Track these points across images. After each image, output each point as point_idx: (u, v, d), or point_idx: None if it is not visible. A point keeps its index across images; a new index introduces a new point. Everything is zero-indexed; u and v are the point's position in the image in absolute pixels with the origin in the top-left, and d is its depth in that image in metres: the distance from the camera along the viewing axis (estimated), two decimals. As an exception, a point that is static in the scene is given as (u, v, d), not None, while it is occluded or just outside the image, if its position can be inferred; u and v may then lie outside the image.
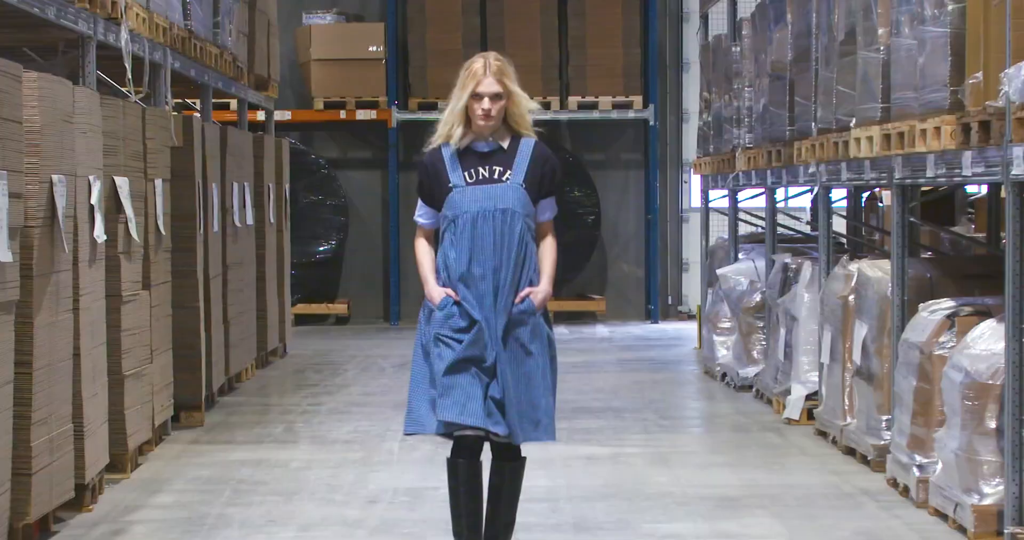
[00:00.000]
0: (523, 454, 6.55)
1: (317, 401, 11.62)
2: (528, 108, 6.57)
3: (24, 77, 6.73)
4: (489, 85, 6.43)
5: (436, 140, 6.59)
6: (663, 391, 12.19)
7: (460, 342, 6.39)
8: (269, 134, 14.59)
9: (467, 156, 6.54)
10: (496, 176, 6.50)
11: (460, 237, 6.47)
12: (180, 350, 10.07)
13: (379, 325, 17.92)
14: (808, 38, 10.14)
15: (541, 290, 6.50)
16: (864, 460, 8.77)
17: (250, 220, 12.70)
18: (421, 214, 6.70)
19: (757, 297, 11.89)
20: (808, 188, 12.43)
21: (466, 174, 6.51)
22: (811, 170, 10.16)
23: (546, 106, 16.85)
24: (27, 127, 6.74)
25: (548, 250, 6.63)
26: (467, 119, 6.51)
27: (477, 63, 6.50)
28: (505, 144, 6.55)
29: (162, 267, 9.48)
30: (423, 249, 6.68)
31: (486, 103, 6.42)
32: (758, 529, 7.33)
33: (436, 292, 6.49)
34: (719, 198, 14.73)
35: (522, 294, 6.45)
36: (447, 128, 6.54)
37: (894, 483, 8.14)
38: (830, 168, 9.67)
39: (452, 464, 6.50)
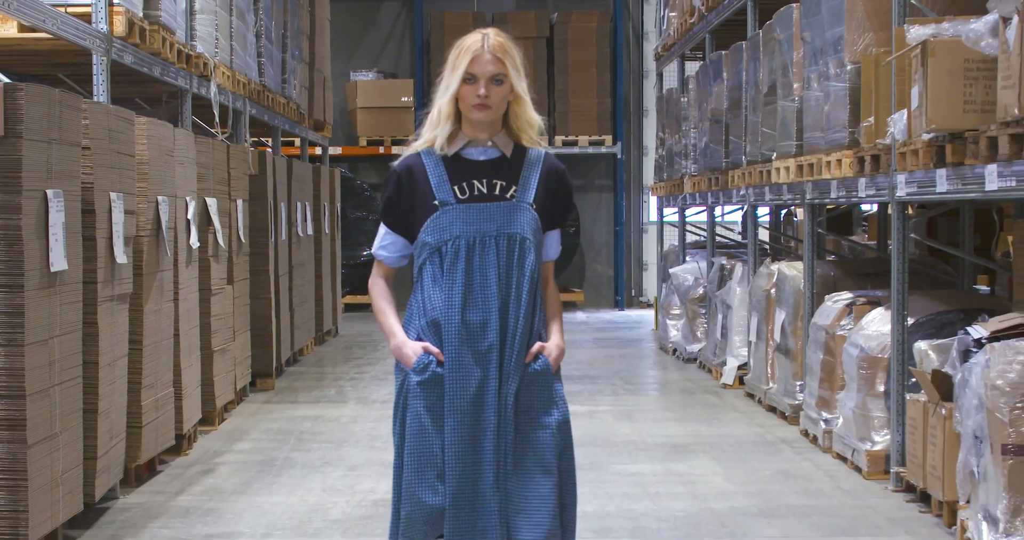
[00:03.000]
0: None
1: (362, 370, 11.62)
2: (535, 118, 4.01)
3: (136, 121, 6.74)
4: (487, 64, 3.85)
5: (416, 145, 3.97)
6: (628, 363, 12.20)
7: (451, 421, 3.82)
8: (324, 165, 14.60)
9: (458, 165, 3.92)
10: (498, 192, 3.90)
11: (449, 272, 3.87)
12: (256, 331, 10.09)
13: (409, 312, 17.91)
14: (739, 91, 10.14)
15: (555, 345, 3.93)
16: (783, 416, 8.77)
17: (310, 231, 12.71)
18: (383, 245, 4.05)
19: (700, 290, 11.90)
20: (739, 206, 12.44)
21: (456, 188, 3.89)
22: (742, 192, 10.17)
23: (538, 143, 16.84)
24: (138, 159, 6.75)
25: (554, 297, 4.01)
26: (457, 116, 3.93)
27: (472, 37, 3.91)
28: (508, 152, 3.96)
29: (242, 267, 9.49)
30: (380, 291, 4.03)
31: (482, 88, 3.85)
32: (700, 469, 7.33)
33: (408, 348, 3.87)
34: (671, 214, 14.73)
35: (534, 349, 3.87)
36: (432, 130, 3.93)
37: (805, 433, 8.14)
38: (756, 191, 9.67)
39: None
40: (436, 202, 3.89)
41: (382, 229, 4.04)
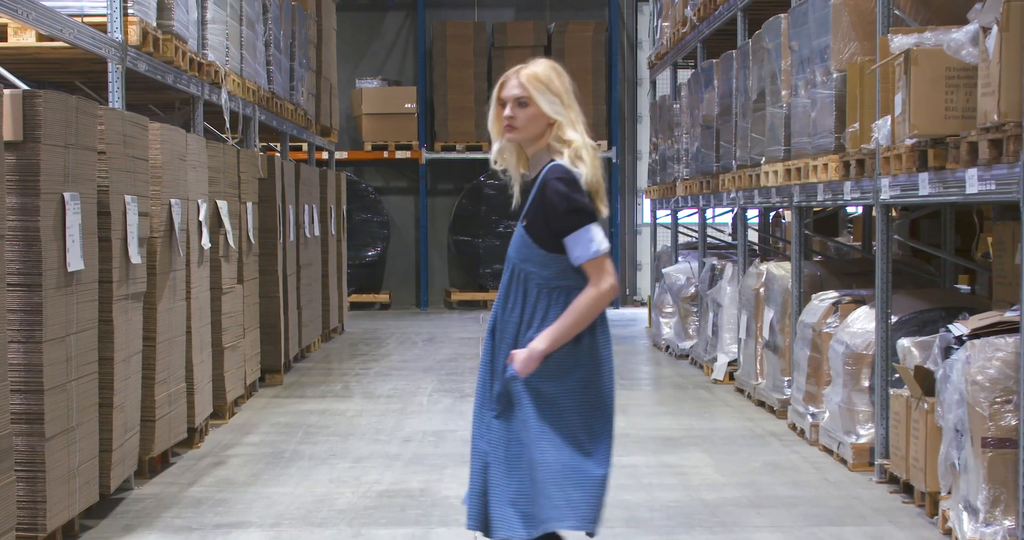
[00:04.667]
0: None
1: (366, 366, 11.62)
2: (571, 137, 3.98)
3: (150, 126, 6.74)
4: (512, 88, 4.01)
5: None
6: (622, 359, 12.17)
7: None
8: (331, 169, 14.59)
9: (524, 193, 4.10)
10: (521, 217, 4.05)
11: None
12: (265, 328, 10.08)
13: (412, 310, 17.92)
14: (729, 98, 10.14)
15: (524, 349, 3.94)
16: (771, 410, 8.77)
17: (317, 232, 12.71)
18: None
19: (692, 289, 11.90)
20: (730, 209, 12.44)
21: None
22: (732, 195, 10.17)
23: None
24: (152, 164, 6.75)
25: (575, 303, 3.95)
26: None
27: (510, 70, 4.09)
28: (533, 175, 4.04)
29: (252, 267, 9.49)
30: None
31: (508, 109, 4.00)
32: (692, 461, 7.33)
33: None
34: (664, 216, 14.73)
35: (509, 359, 3.98)
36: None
37: (793, 427, 8.14)
38: (746, 194, 9.67)
39: None
40: None
41: None
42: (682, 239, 14.21)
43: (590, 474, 3.94)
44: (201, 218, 7.69)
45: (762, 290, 9.17)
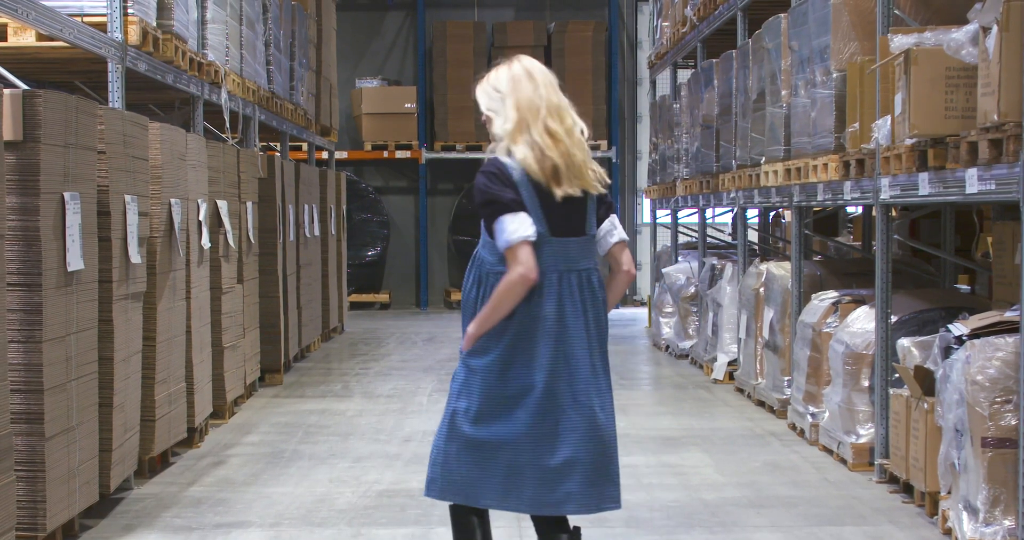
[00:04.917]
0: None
1: (366, 366, 11.62)
2: (495, 130, 4.17)
3: (150, 126, 6.74)
4: None
5: None
6: (622, 359, 12.18)
7: None
8: (331, 168, 14.59)
9: None
10: None
11: None
12: (265, 328, 10.08)
13: (412, 310, 17.92)
14: (729, 98, 10.14)
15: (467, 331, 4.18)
16: (771, 410, 8.77)
17: (317, 232, 12.71)
18: None
19: (692, 289, 11.90)
20: (730, 208, 12.42)
21: None
22: (732, 195, 10.17)
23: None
24: (152, 163, 6.75)
25: (497, 289, 4.10)
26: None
27: None
28: None
29: (252, 267, 9.49)
30: None
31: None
32: (692, 461, 7.33)
33: None
34: (664, 216, 14.73)
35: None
36: None
37: (793, 427, 8.14)
38: (746, 194, 9.67)
39: None
40: None
41: None
42: (682, 239, 14.20)
43: (457, 431, 4.13)
44: (201, 218, 7.68)
45: (762, 290, 9.17)
